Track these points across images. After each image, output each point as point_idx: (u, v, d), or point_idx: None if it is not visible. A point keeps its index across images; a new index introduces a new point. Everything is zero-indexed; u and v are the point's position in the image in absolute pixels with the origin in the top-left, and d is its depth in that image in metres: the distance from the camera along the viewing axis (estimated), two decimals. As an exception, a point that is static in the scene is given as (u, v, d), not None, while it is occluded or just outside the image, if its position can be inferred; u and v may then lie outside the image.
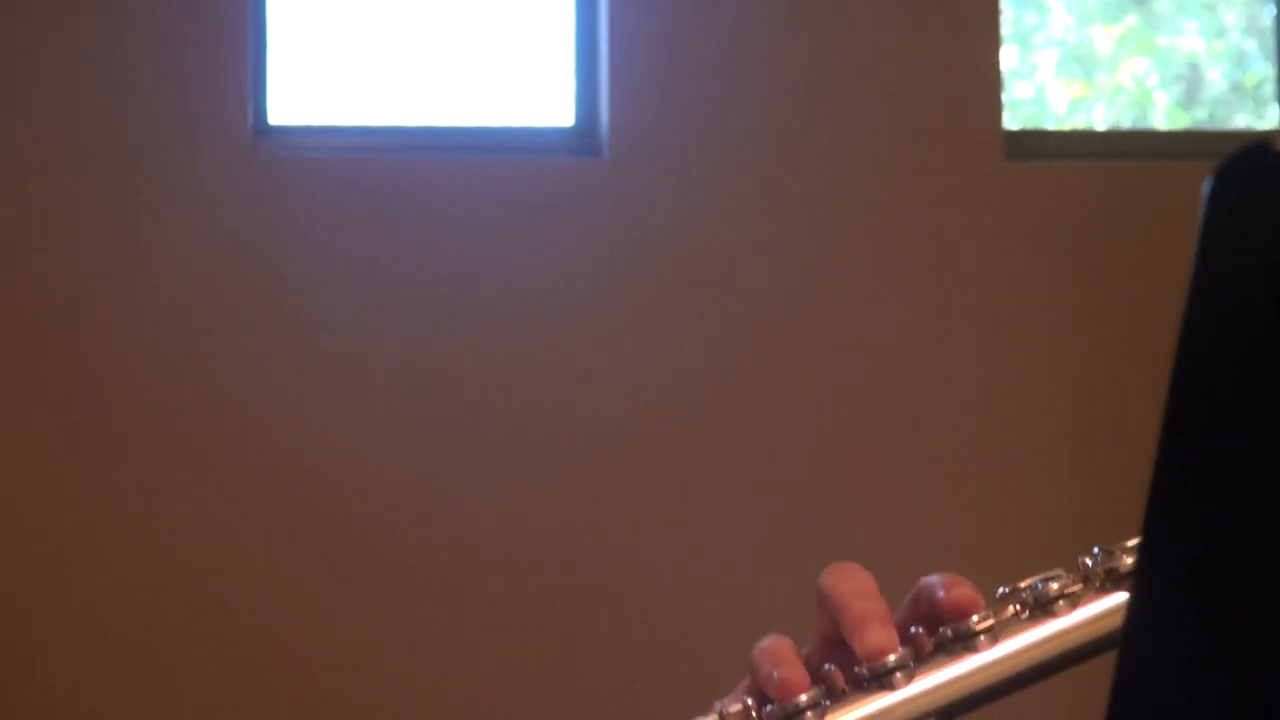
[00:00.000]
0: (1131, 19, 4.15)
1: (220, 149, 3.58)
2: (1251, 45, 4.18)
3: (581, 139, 3.73)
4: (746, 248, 3.70)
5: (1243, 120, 4.18)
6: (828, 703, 0.84)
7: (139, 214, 3.54)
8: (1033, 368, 3.73)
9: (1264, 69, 4.16)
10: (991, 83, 3.78)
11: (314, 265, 3.60)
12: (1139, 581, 0.61)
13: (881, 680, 0.83)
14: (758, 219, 3.71)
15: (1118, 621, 0.84)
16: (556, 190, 3.68)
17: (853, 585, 0.87)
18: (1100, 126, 4.11)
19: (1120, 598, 0.84)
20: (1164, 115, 4.17)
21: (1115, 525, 0.90)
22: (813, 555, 4.01)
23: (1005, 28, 3.92)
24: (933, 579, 0.87)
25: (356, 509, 3.56)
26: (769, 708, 0.84)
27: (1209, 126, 4.16)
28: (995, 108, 3.78)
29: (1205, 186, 0.57)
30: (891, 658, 0.84)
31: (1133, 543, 0.85)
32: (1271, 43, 4.13)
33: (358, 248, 3.61)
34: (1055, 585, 0.85)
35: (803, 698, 0.84)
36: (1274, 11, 4.14)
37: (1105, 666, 0.62)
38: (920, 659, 0.84)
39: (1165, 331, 0.77)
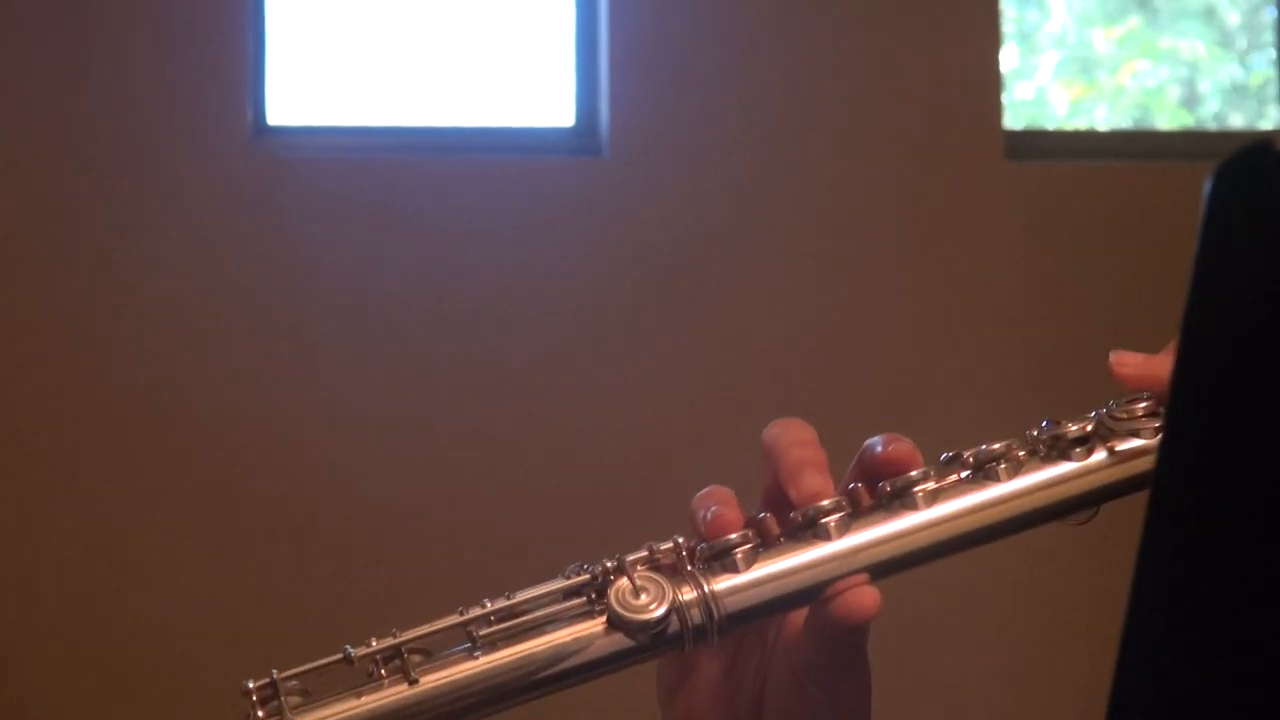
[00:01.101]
0: (1133, 20, 4.15)
1: (220, 149, 3.58)
2: (1252, 46, 4.18)
3: (581, 139, 3.73)
4: (746, 247, 3.70)
5: (1243, 120, 4.18)
6: (761, 549, 0.83)
7: (139, 213, 3.54)
8: (1033, 368, 3.73)
9: (1264, 69, 4.16)
10: (991, 83, 3.78)
11: (314, 265, 3.60)
12: (1139, 578, 0.61)
13: (815, 528, 0.82)
14: (757, 219, 3.71)
15: (1058, 491, 0.83)
16: (556, 190, 3.68)
17: (792, 435, 0.87)
18: (1101, 127, 4.11)
19: (1064, 467, 0.83)
20: (1165, 116, 4.17)
21: (1115, 524, 0.90)
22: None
23: (1006, 28, 3.92)
24: (874, 439, 0.86)
25: (356, 509, 3.56)
26: (701, 545, 0.84)
27: (1210, 127, 4.16)
28: (995, 108, 3.78)
29: (1205, 186, 0.57)
30: (825, 503, 0.82)
31: (1082, 419, 0.84)
32: (1272, 43, 4.13)
33: (358, 248, 3.61)
34: (999, 449, 0.83)
35: (733, 536, 0.83)
36: (1274, 12, 4.15)
37: (1105, 665, 0.62)
38: (858, 514, 0.83)
39: (1166, 331, 0.77)
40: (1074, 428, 0.84)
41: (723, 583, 0.82)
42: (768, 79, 3.72)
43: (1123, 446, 0.83)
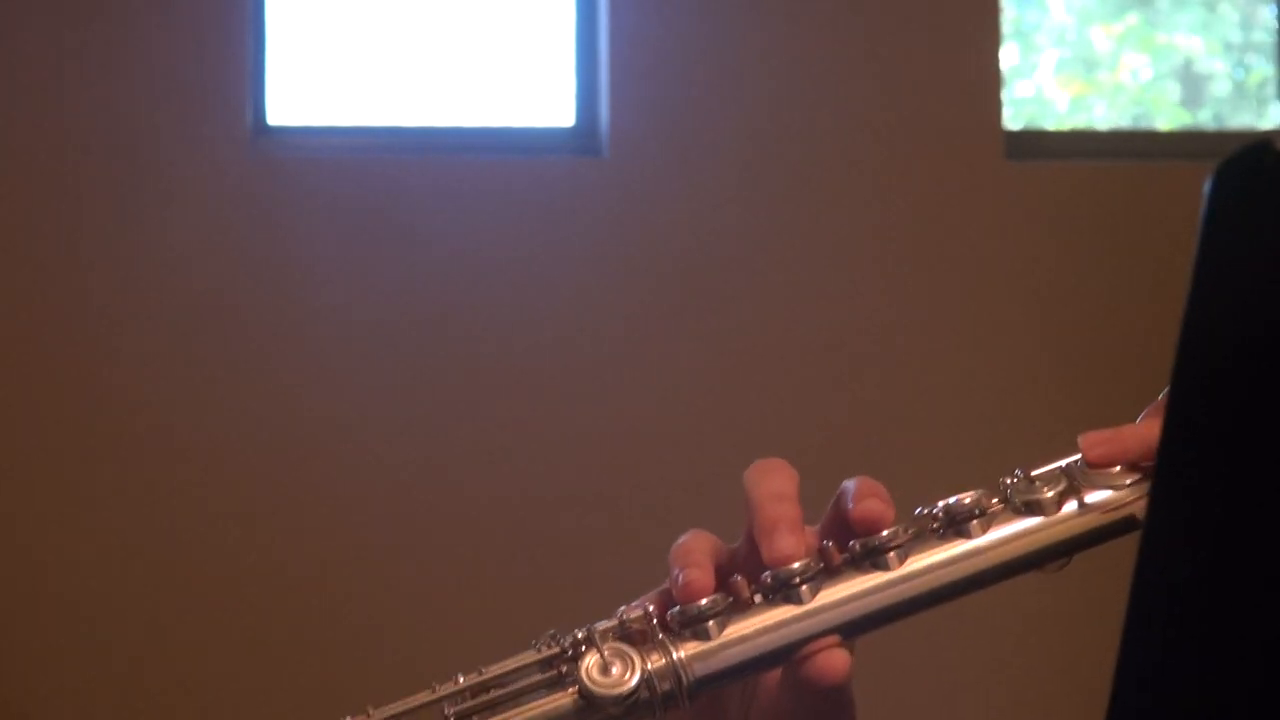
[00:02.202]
0: (1132, 18, 4.15)
1: (220, 149, 3.58)
2: (1252, 45, 4.18)
3: (581, 139, 3.73)
4: (746, 247, 3.70)
5: (1244, 120, 4.17)
6: (733, 612, 0.83)
7: (139, 214, 3.53)
8: (1033, 368, 3.73)
9: (1265, 69, 4.16)
10: (991, 82, 3.78)
11: (314, 265, 3.60)
12: (1139, 577, 0.61)
13: (786, 591, 0.82)
14: (757, 219, 3.71)
15: (1029, 544, 0.83)
16: (556, 190, 3.68)
17: (770, 487, 0.86)
18: (1101, 125, 4.11)
19: (1036, 520, 0.83)
20: (1165, 115, 4.17)
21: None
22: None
23: (1006, 26, 3.92)
24: (848, 486, 0.85)
25: (357, 508, 3.56)
26: (672, 610, 0.84)
27: (1210, 126, 4.16)
28: (995, 108, 3.78)
29: (1205, 186, 0.57)
30: (796, 565, 0.82)
31: (1048, 467, 0.84)
32: (1272, 42, 4.13)
33: (357, 248, 3.61)
34: (969, 503, 0.84)
35: (703, 601, 0.83)
36: (1274, 11, 4.14)
37: (1104, 671, 0.62)
38: (829, 572, 0.83)
39: (1166, 331, 0.77)
40: (1045, 479, 0.84)
41: (692, 648, 0.82)
42: (767, 79, 3.72)
43: (1093, 498, 0.83)
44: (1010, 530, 0.83)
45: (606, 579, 3.60)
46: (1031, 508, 0.83)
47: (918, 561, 0.83)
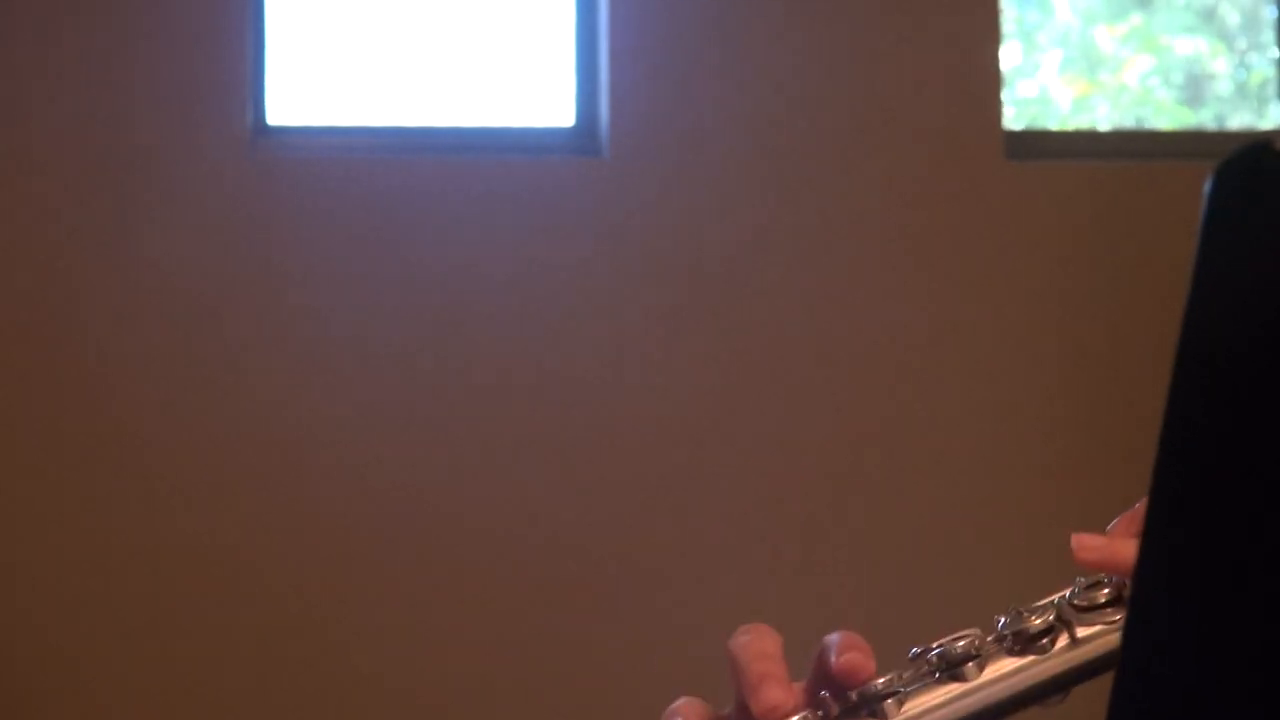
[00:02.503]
0: (1135, 18, 4.15)
1: (220, 149, 3.58)
2: (1252, 45, 4.18)
3: (581, 139, 3.73)
4: (746, 247, 3.70)
5: (1244, 120, 4.18)
6: None
7: (139, 214, 3.53)
8: (1033, 368, 3.73)
9: (1266, 69, 4.16)
10: (991, 82, 3.78)
11: (314, 265, 3.60)
12: (1139, 577, 0.60)
13: None
14: (757, 219, 3.71)
15: (1024, 682, 0.84)
16: (556, 190, 3.68)
17: (755, 648, 0.87)
18: (1103, 125, 4.11)
19: (1029, 660, 0.84)
20: (1166, 114, 4.17)
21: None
22: (811, 554, 4.02)
23: (1008, 26, 3.92)
24: (829, 639, 0.86)
25: (357, 508, 3.56)
26: None
27: (1210, 126, 4.16)
28: (995, 108, 3.78)
29: (1205, 186, 0.57)
30: (795, 718, 0.83)
31: (1043, 603, 0.85)
32: (1273, 42, 4.13)
33: (358, 248, 3.61)
34: (963, 646, 0.84)
35: None
36: (1275, 11, 4.14)
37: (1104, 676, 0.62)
38: None
39: (1166, 331, 0.77)
40: (1037, 619, 0.85)
41: None
42: (767, 79, 3.72)
43: (1085, 634, 0.84)
44: (1006, 671, 0.84)
45: (606, 578, 3.60)
46: (1024, 648, 0.84)
47: (916, 708, 0.84)
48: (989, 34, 3.78)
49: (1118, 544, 0.85)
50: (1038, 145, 3.91)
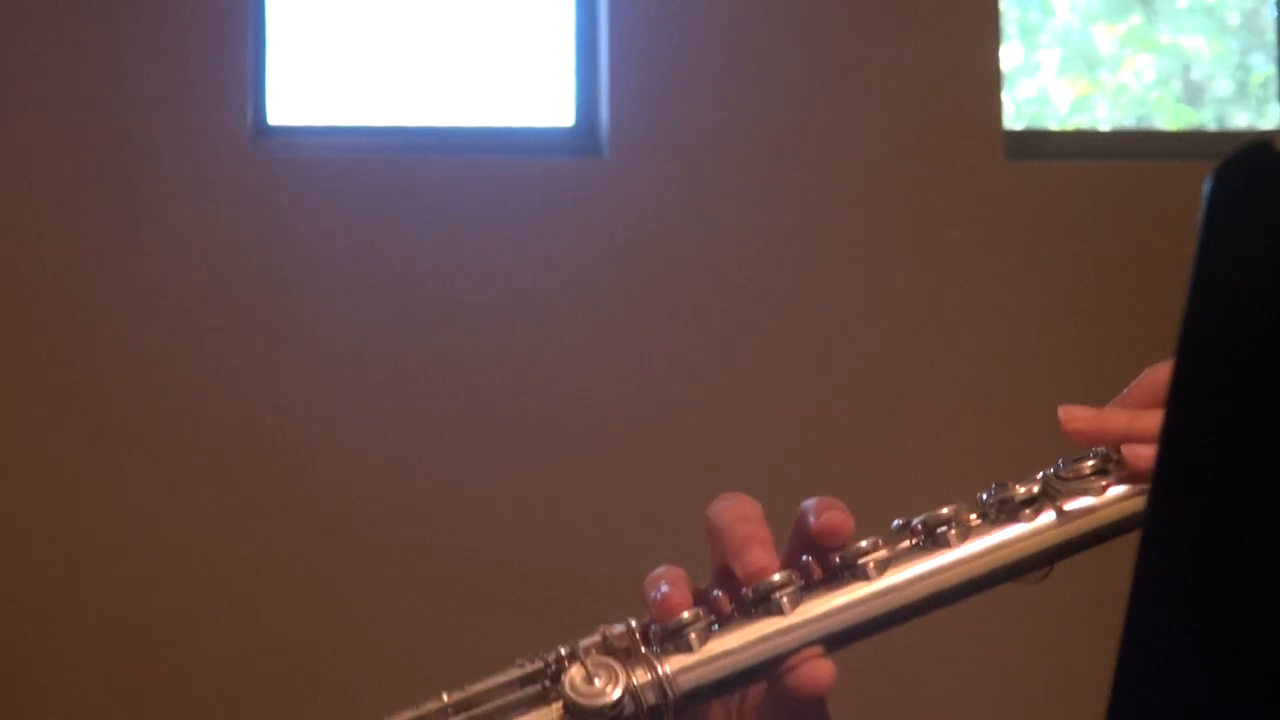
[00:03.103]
0: (1135, 18, 4.15)
1: (220, 149, 3.58)
2: (1253, 45, 4.18)
3: (581, 139, 3.73)
4: (746, 247, 3.70)
5: (1244, 120, 4.18)
6: (716, 627, 0.83)
7: (139, 214, 3.53)
8: (1032, 368, 3.73)
9: (1266, 69, 4.16)
10: (991, 83, 3.78)
11: (314, 265, 3.60)
12: (1139, 578, 0.60)
13: (768, 603, 0.83)
14: (757, 219, 3.71)
15: (1008, 554, 0.83)
16: (556, 190, 3.68)
17: (736, 511, 0.86)
18: (1103, 125, 4.11)
19: (1013, 530, 0.83)
20: (1166, 115, 4.17)
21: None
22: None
23: (1009, 26, 3.92)
24: (808, 503, 0.86)
25: (357, 508, 3.56)
26: (654, 626, 0.84)
27: (1210, 126, 4.16)
28: (995, 108, 3.78)
29: (1205, 186, 0.57)
30: (776, 577, 0.83)
31: (1029, 480, 0.84)
32: (1273, 42, 4.13)
33: (358, 248, 3.61)
34: (947, 514, 0.84)
35: (685, 615, 0.83)
36: (1275, 11, 4.14)
37: (1104, 672, 0.62)
38: (810, 586, 0.83)
39: (1166, 331, 0.77)
40: (1021, 490, 0.84)
41: (676, 662, 0.82)
42: (767, 79, 3.72)
43: (1071, 506, 0.84)
44: (989, 541, 0.83)
45: (605, 577, 3.60)
46: (1009, 518, 0.84)
47: (897, 574, 0.84)
48: (989, 34, 3.78)
49: (1106, 414, 0.85)
50: (1038, 145, 3.91)
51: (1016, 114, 4.00)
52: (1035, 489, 0.84)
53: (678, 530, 3.62)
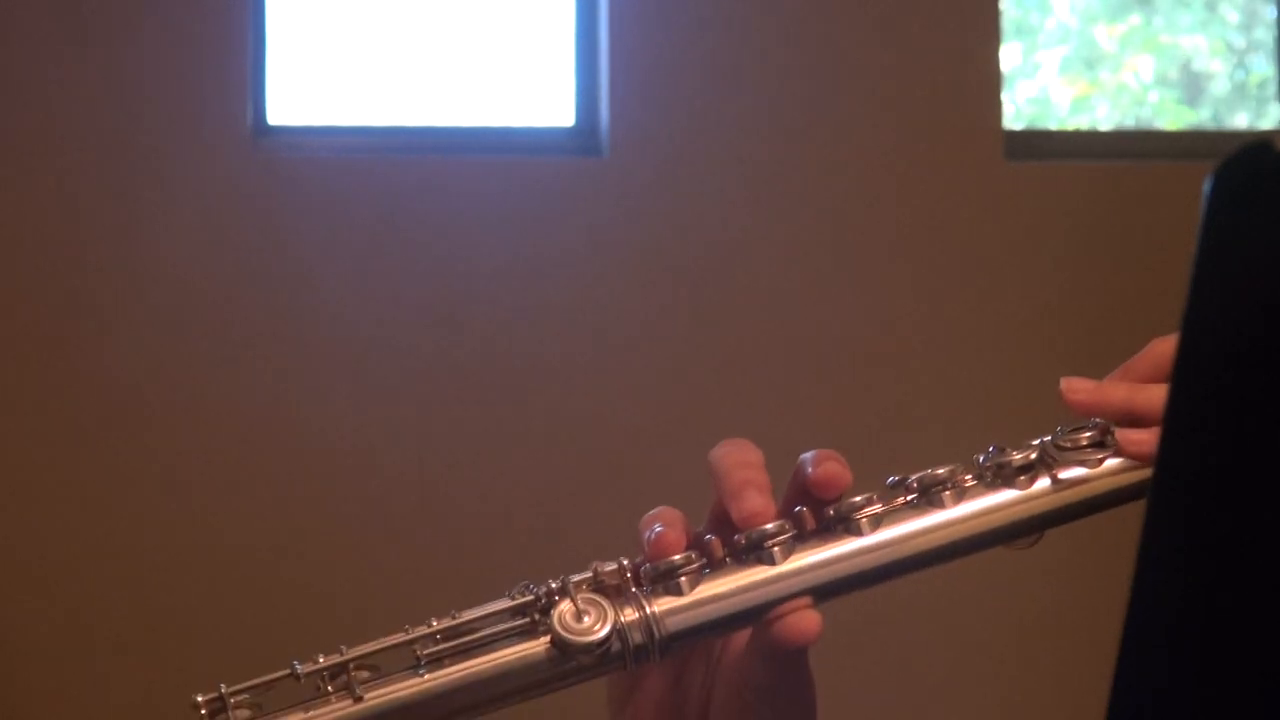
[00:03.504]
0: (1134, 18, 4.15)
1: (220, 149, 3.58)
2: (1252, 45, 4.18)
3: (581, 139, 3.73)
4: (746, 247, 3.70)
5: (1243, 120, 4.18)
6: (708, 571, 0.84)
7: (139, 213, 3.53)
8: (1032, 368, 3.73)
9: (1266, 69, 4.16)
10: (991, 83, 3.78)
11: (314, 265, 3.60)
12: (1138, 579, 0.60)
13: (760, 551, 0.83)
14: (757, 219, 3.71)
15: (1000, 518, 0.84)
16: (556, 190, 3.68)
17: (737, 456, 0.87)
18: (1103, 125, 4.11)
19: (1007, 494, 0.84)
20: (1166, 115, 4.17)
21: (1115, 524, 0.90)
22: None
23: (1008, 26, 3.92)
24: (806, 455, 0.86)
25: (357, 507, 3.56)
26: (645, 566, 0.84)
27: (1210, 126, 4.16)
28: (995, 108, 3.78)
29: (1205, 186, 0.57)
30: (769, 526, 0.83)
31: (1027, 447, 0.84)
32: (1273, 42, 4.13)
33: (358, 248, 3.61)
34: (943, 474, 0.84)
35: (677, 557, 0.84)
36: (1275, 12, 4.14)
37: (1103, 670, 0.62)
38: (802, 537, 0.83)
39: (1165, 331, 0.77)
40: (1018, 455, 0.85)
41: (665, 603, 0.83)
42: (767, 79, 3.72)
43: (1065, 475, 0.84)
44: (983, 503, 0.84)
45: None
46: (1005, 482, 0.84)
47: (890, 529, 0.84)
48: (989, 34, 3.78)
49: (1108, 386, 0.86)
50: (1038, 145, 3.91)
51: (1016, 114, 4.00)
52: (1032, 455, 0.85)
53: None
